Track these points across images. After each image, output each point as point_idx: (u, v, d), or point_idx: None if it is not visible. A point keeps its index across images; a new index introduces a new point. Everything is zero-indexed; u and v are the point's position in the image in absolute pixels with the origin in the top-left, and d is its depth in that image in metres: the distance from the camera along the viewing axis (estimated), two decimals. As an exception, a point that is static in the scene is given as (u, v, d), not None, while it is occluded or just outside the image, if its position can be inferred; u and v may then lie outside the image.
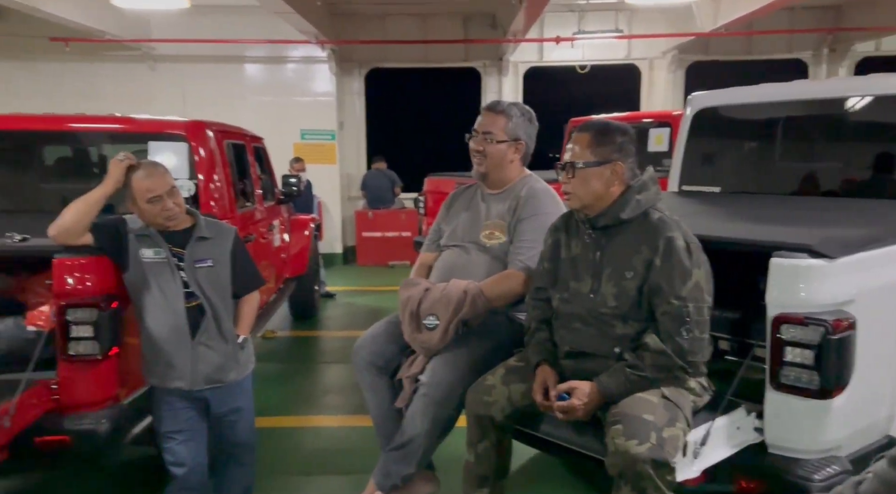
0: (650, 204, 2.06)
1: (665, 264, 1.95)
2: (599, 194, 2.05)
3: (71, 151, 4.53)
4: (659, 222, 2.01)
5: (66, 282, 2.48)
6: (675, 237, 1.96)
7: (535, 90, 10.75)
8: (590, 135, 2.06)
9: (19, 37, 8.69)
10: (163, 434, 2.48)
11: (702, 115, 3.87)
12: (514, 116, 2.55)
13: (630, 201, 2.04)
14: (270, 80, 9.71)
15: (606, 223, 2.07)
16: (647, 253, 1.98)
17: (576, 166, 2.04)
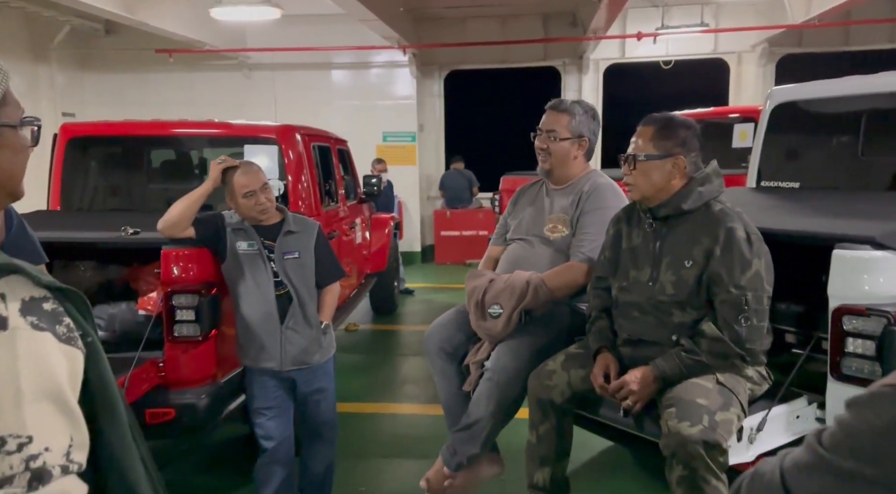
0: (712, 196, 2.10)
1: (725, 254, 1.99)
2: (660, 187, 2.11)
3: (175, 155, 4.94)
4: (720, 213, 2.05)
5: (172, 271, 2.77)
6: (735, 228, 2.00)
7: (616, 87, 10.63)
8: (653, 128, 2.12)
9: (130, 49, 9.43)
10: (254, 410, 2.72)
11: (781, 109, 3.80)
12: (577, 113, 2.63)
13: (692, 192, 2.09)
14: (355, 84, 10.07)
15: (667, 214, 2.12)
16: (707, 243, 2.03)
17: (637, 159, 2.10)
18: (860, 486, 0.65)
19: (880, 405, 0.66)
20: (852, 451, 0.66)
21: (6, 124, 0.96)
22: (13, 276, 0.85)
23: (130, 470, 0.99)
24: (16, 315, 0.83)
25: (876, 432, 0.65)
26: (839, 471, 0.66)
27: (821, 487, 0.68)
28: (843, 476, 0.66)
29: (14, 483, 0.79)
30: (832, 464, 0.67)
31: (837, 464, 0.67)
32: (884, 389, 0.68)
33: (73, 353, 0.88)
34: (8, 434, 0.79)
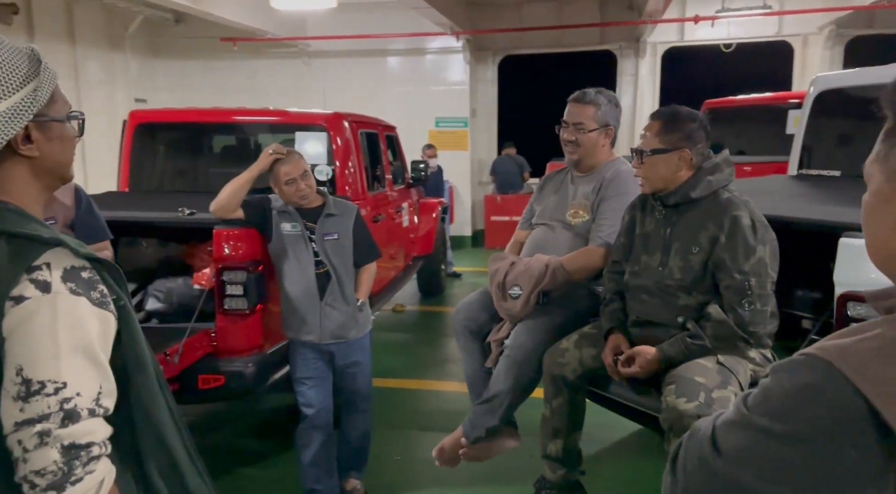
0: (721, 185, 2.17)
1: (730, 241, 2.07)
2: (667, 179, 2.19)
3: (234, 140, 5.23)
4: (726, 202, 2.13)
5: (224, 249, 3.00)
6: (740, 216, 2.07)
7: (674, 71, 10.43)
8: (659, 123, 2.20)
9: (197, 38, 9.87)
10: (296, 379, 2.93)
11: (824, 96, 3.76)
12: (602, 103, 2.70)
13: (701, 181, 2.16)
14: (409, 71, 10.21)
15: (677, 202, 2.21)
16: (713, 230, 2.11)
17: (644, 154, 2.19)
18: (771, 441, 0.73)
19: (792, 370, 0.74)
20: (766, 410, 0.74)
21: (56, 119, 1.14)
22: (58, 248, 1.05)
23: (157, 414, 1.18)
24: (57, 281, 1.03)
25: (785, 393, 0.73)
26: (755, 427, 0.74)
27: (740, 441, 0.76)
28: (758, 431, 0.74)
29: (50, 420, 0.99)
30: (751, 421, 0.75)
31: (754, 421, 0.75)
32: (798, 356, 0.76)
33: (104, 315, 1.07)
34: (47, 380, 0.99)
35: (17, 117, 1.06)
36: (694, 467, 0.81)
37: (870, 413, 0.67)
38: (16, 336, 1.00)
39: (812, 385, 0.71)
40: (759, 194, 3.09)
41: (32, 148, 1.11)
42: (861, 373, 0.68)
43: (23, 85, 1.08)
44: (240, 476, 3.36)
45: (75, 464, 1.00)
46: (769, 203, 2.36)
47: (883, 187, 0.80)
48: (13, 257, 1.02)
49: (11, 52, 1.09)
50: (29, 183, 1.13)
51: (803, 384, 0.72)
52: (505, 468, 3.14)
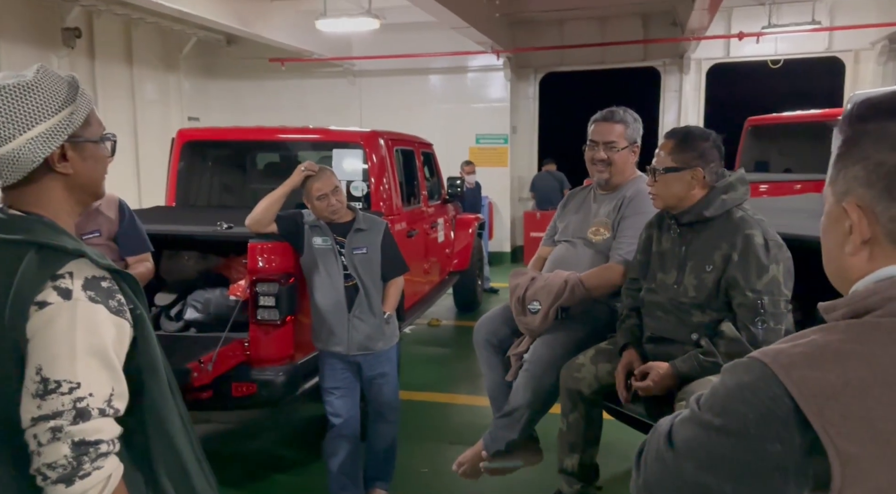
0: (735, 203, 2.18)
1: (742, 259, 2.07)
2: (680, 197, 2.21)
3: (276, 157, 5.41)
4: (740, 221, 2.14)
5: (258, 262, 3.11)
6: (753, 234, 2.08)
7: (720, 87, 10.29)
8: (673, 142, 2.23)
9: (248, 59, 10.24)
10: (324, 389, 3.02)
11: (863, 113, 3.68)
12: (630, 121, 2.73)
13: (715, 200, 2.18)
14: (450, 88, 10.36)
15: (691, 220, 2.22)
16: (726, 248, 2.12)
17: (657, 171, 2.22)
18: (710, 434, 0.80)
19: (735, 371, 0.82)
20: (710, 406, 0.82)
21: (90, 140, 1.26)
22: (80, 259, 1.15)
23: (168, 418, 1.26)
24: (78, 289, 1.12)
25: (727, 391, 0.81)
26: (700, 422, 0.82)
27: (688, 435, 0.83)
28: (702, 425, 0.82)
29: (63, 417, 1.08)
30: (698, 417, 0.83)
31: (700, 417, 0.82)
32: (744, 359, 0.83)
33: (121, 323, 1.16)
34: (63, 379, 1.09)
35: (55, 137, 1.18)
36: (652, 459, 0.88)
37: (794, 411, 0.74)
38: (37, 338, 1.09)
39: (748, 384, 0.78)
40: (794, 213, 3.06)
41: (67, 166, 1.22)
42: (788, 374, 0.75)
43: (61, 109, 1.20)
44: (273, 482, 3.46)
45: (84, 459, 1.08)
46: (805, 222, 2.35)
47: (833, 209, 0.88)
48: (40, 266, 1.12)
49: (53, 80, 1.21)
50: (63, 198, 1.23)
51: (741, 382, 0.79)
52: (525, 481, 3.15)
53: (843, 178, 0.85)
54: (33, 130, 1.16)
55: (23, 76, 1.19)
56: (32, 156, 1.17)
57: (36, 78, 1.19)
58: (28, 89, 1.17)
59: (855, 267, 0.86)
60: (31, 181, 1.20)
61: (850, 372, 0.74)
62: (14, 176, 1.18)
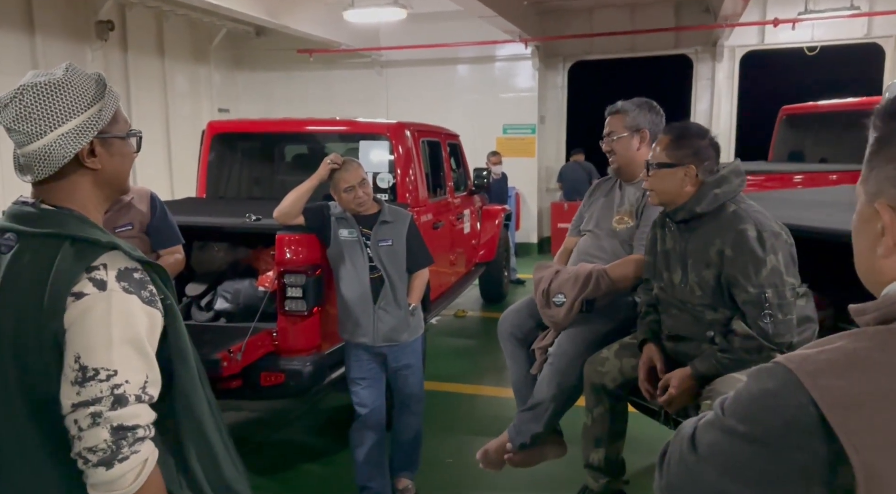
0: (728, 197, 2.15)
1: (737, 256, 2.05)
2: (673, 193, 2.19)
3: (304, 149, 5.45)
4: (732, 215, 2.11)
5: (285, 253, 3.15)
6: (746, 229, 2.05)
7: (753, 75, 10.07)
8: (669, 137, 2.21)
9: (276, 50, 10.31)
10: (351, 379, 3.05)
11: (901, 102, 3.58)
12: (630, 110, 2.76)
13: (707, 195, 2.15)
14: (477, 78, 10.30)
15: (685, 217, 2.20)
16: (719, 244, 2.10)
17: (650, 166, 2.21)
18: (734, 440, 0.79)
19: (759, 377, 0.80)
20: (734, 412, 0.81)
21: (117, 136, 1.29)
22: (114, 251, 1.19)
23: (197, 405, 1.30)
24: (112, 280, 1.16)
25: (751, 397, 0.79)
26: (724, 427, 0.81)
27: (712, 439, 0.82)
28: (725, 431, 0.81)
29: (102, 403, 1.12)
30: (722, 422, 0.82)
31: (724, 422, 0.81)
32: (768, 364, 0.81)
33: (153, 312, 1.20)
34: (101, 367, 1.12)
35: (86, 133, 1.22)
36: (675, 462, 0.88)
37: (819, 420, 0.72)
38: (75, 328, 1.13)
39: (772, 391, 0.77)
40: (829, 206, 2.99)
41: (96, 161, 1.25)
42: (814, 381, 0.73)
43: (91, 105, 1.23)
44: (300, 471, 3.52)
45: (122, 444, 1.12)
46: (838, 216, 2.30)
47: (864, 209, 0.85)
48: (75, 258, 1.16)
49: (82, 78, 1.24)
50: (91, 193, 1.27)
51: (766, 388, 0.78)
52: (550, 475, 3.16)
53: (874, 177, 0.83)
54: (64, 126, 1.20)
55: (52, 74, 1.22)
56: (64, 151, 1.20)
57: (66, 76, 1.22)
58: (59, 87, 1.21)
59: (887, 269, 0.83)
60: (61, 177, 1.23)
61: (875, 382, 0.72)
62: (45, 171, 1.21)
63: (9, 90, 1.21)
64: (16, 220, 1.22)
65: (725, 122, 9.91)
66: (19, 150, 1.22)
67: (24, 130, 1.19)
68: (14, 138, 1.21)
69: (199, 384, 1.31)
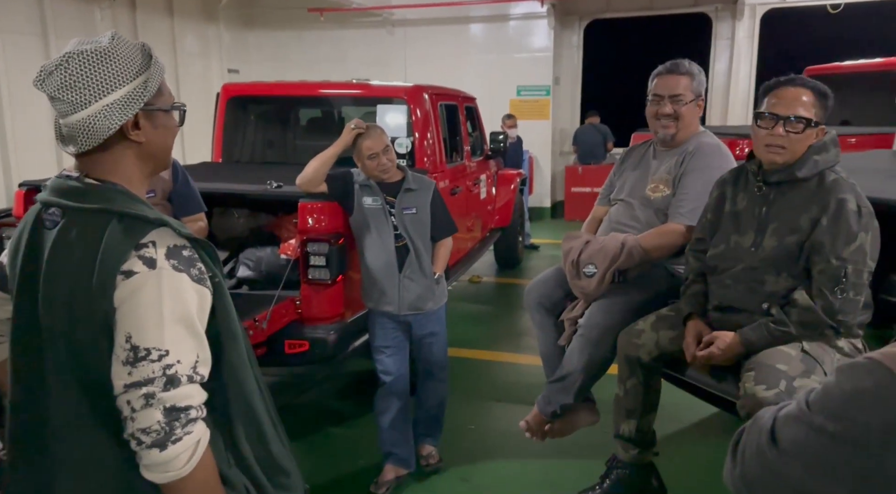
0: (827, 165, 2.06)
1: (832, 224, 1.98)
2: (800, 153, 2.07)
3: (319, 113, 5.37)
4: (833, 184, 2.02)
5: (308, 221, 3.12)
6: (847, 199, 1.98)
7: (774, 35, 9.80)
8: (813, 92, 2.06)
9: (287, 9, 10.11)
10: (375, 347, 3.04)
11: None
12: (696, 73, 2.59)
13: (808, 160, 2.06)
14: (491, 38, 10.07)
15: (780, 179, 2.10)
16: (816, 212, 2.01)
17: (811, 124, 2.04)
18: (824, 439, 0.77)
19: (854, 374, 0.77)
20: (824, 409, 0.78)
21: (162, 109, 1.25)
22: (162, 228, 1.16)
23: (246, 383, 1.28)
24: (162, 258, 1.13)
25: (844, 395, 0.77)
26: (812, 424, 0.79)
27: (797, 436, 0.80)
28: (814, 428, 0.78)
29: (154, 384, 1.10)
30: (808, 418, 0.79)
31: (812, 419, 0.79)
32: (862, 360, 0.78)
33: (202, 291, 1.17)
34: (153, 347, 1.10)
35: (131, 104, 1.18)
36: (752, 454, 0.86)
37: None
38: (125, 307, 1.11)
39: (870, 390, 0.74)
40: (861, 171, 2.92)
41: (140, 134, 1.22)
42: None
43: (136, 76, 1.19)
44: (325, 434, 3.55)
45: (176, 425, 1.11)
46: (871, 182, 2.22)
47: None
48: (124, 235, 1.13)
49: (128, 47, 1.20)
50: (134, 166, 1.24)
51: (862, 387, 0.75)
52: (578, 442, 3.17)
53: None
54: (109, 97, 1.16)
55: (98, 42, 1.18)
56: (109, 123, 1.16)
57: (112, 44, 1.18)
58: (105, 55, 1.16)
59: None
60: (105, 149, 1.20)
61: None
62: (90, 143, 1.18)
63: (53, 58, 1.17)
64: (60, 194, 1.19)
65: (744, 83, 9.70)
66: (62, 119, 1.18)
67: (68, 99, 1.15)
68: (57, 107, 1.17)
69: (247, 363, 1.29)
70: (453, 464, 3.21)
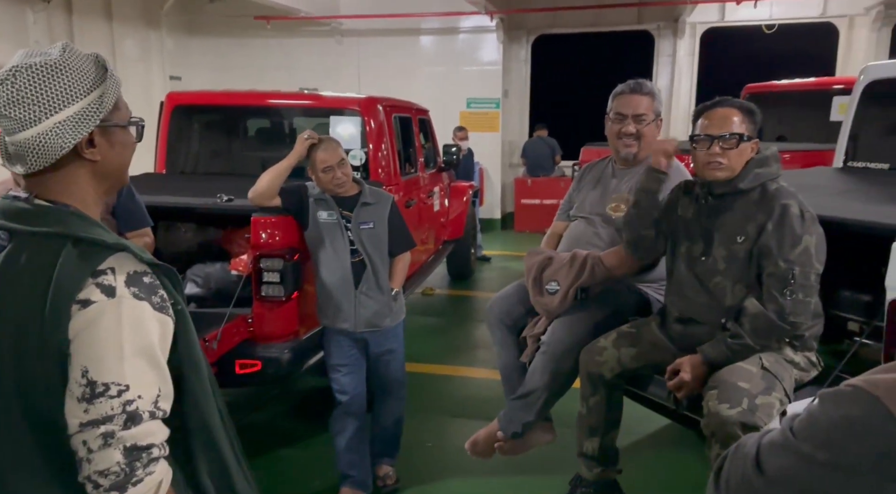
0: (769, 178, 2.16)
1: (777, 229, 2.05)
2: (739, 168, 2.16)
3: (269, 123, 5.24)
4: (776, 192, 2.12)
5: (261, 236, 3.01)
6: (790, 205, 2.07)
7: (713, 53, 10.17)
8: (742, 110, 2.17)
9: (232, 16, 9.89)
10: (331, 366, 2.96)
11: (874, 86, 3.64)
12: (656, 93, 2.65)
13: (750, 173, 2.15)
14: (441, 51, 10.11)
15: (724, 191, 2.19)
16: (761, 218, 2.10)
17: (743, 139, 2.14)
18: (813, 468, 0.76)
19: (839, 401, 0.77)
20: (811, 437, 0.78)
21: (119, 124, 1.17)
22: (121, 253, 1.07)
23: (208, 416, 1.20)
24: (122, 286, 1.04)
25: (831, 423, 0.76)
26: (799, 453, 0.78)
27: (784, 464, 0.79)
28: (801, 457, 0.78)
29: (114, 422, 1.01)
30: (795, 446, 0.79)
31: (798, 447, 0.78)
32: (846, 388, 0.78)
33: (164, 320, 1.09)
34: (112, 382, 1.01)
35: (86, 121, 1.10)
36: (737, 483, 0.85)
37: None
38: (81, 339, 1.02)
39: (858, 418, 0.74)
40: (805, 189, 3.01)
41: (95, 152, 1.13)
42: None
43: (91, 90, 1.11)
44: (276, 457, 3.43)
45: (136, 465, 1.03)
46: (817, 200, 2.30)
47: None
48: (80, 261, 1.04)
49: (81, 60, 1.11)
50: (89, 186, 1.15)
51: (849, 416, 0.75)
52: (538, 459, 3.15)
53: None
54: (61, 113, 1.08)
55: (48, 54, 1.09)
56: (61, 141, 1.08)
57: (63, 57, 1.09)
58: (56, 69, 1.08)
59: None
60: (57, 168, 1.11)
61: None
62: (40, 163, 1.09)
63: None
64: (7, 217, 1.09)
65: (685, 99, 10.02)
66: (8, 137, 1.08)
67: (15, 116, 1.06)
68: (3, 125, 1.07)
69: (210, 394, 1.21)
70: (411, 484, 3.14)
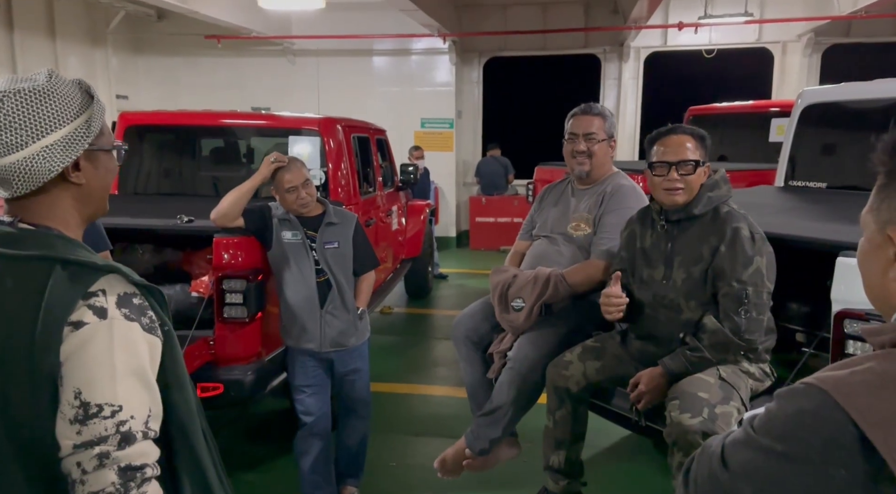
0: (720, 201, 2.27)
1: (729, 251, 2.16)
2: (695, 191, 2.27)
3: (224, 143, 5.19)
4: (727, 215, 2.23)
5: (223, 257, 2.99)
6: (741, 227, 2.18)
7: (656, 75, 10.55)
8: (695, 137, 2.29)
9: (180, 35, 9.75)
10: (295, 387, 2.94)
11: (811, 110, 3.86)
12: (608, 115, 2.77)
13: (703, 197, 2.26)
14: (395, 71, 10.20)
15: (679, 217, 2.30)
16: (714, 241, 2.20)
17: (699, 164, 2.25)
18: (771, 459, 0.83)
19: (794, 397, 0.84)
20: (769, 431, 0.84)
21: (103, 149, 1.18)
22: (111, 275, 1.07)
23: (193, 433, 1.20)
24: (113, 307, 1.05)
25: (787, 417, 0.83)
26: (759, 447, 0.84)
27: (746, 459, 0.86)
28: (761, 450, 0.84)
29: (108, 442, 1.01)
30: (755, 441, 0.85)
31: (758, 441, 0.84)
32: (799, 385, 0.85)
33: (153, 340, 1.10)
34: (105, 403, 1.02)
35: (74, 145, 1.11)
36: (704, 480, 0.91)
37: (859, 438, 0.77)
38: (74, 360, 1.02)
39: (810, 411, 0.81)
40: (751, 207, 3.17)
41: (80, 176, 1.14)
42: (852, 402, 0.78)
43: (77, 115, 1.12)
44: (238, 480, 3.36)
45: (131, 486, 1.02)
46: (765, 219, 2.44)
47: (874, 236, 0.92)
48: (70, 284, 1.04)
49: (66, 85, 1.12)
50: (73, 209, 1.15)
51: (802, 409, 0.82)
52: (504, 474, 3.19)
53: (886, 207, 0.90)
54: (49, 138, 1.08)
55: (34, 80, 1.10)
56: (49, 165, 1.08)
57: (50, 83, 1.10)
58: (43, 94, 1.08)
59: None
60: (42, 192, 1.11)
61: None
62: (27, 187, 1.09)
63: None
64: None
65: (631, 120, 10.35)
66: None
67: (3, 141, 1.06)
68: None
69: (195, 414, 1.21)
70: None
